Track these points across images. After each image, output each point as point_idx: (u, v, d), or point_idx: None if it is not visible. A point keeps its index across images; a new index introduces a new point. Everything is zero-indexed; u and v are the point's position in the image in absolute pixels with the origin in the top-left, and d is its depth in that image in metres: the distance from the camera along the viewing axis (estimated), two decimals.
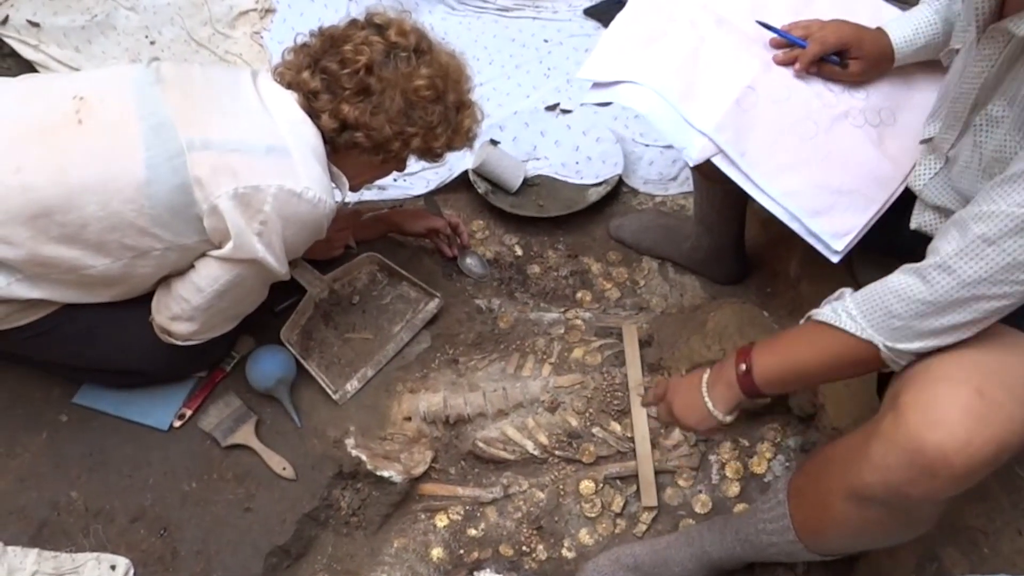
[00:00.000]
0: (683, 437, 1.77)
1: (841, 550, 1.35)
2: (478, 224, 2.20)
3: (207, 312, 1.57)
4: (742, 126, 1.42)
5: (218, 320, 1.62)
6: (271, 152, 1.43)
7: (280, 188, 1.41)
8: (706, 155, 1.42)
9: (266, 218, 1.42)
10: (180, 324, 1.58)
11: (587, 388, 1.82)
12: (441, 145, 1.58)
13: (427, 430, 1.80)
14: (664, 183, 2.29)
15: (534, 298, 2.04)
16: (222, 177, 1.40)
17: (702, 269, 2.06)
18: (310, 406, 1.80)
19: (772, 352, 1.29)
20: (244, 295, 1.59)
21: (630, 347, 1.88)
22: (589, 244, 2.16)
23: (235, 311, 1.64)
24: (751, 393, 1.32)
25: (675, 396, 1.41)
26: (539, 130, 2.38)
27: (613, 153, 2.29)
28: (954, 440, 1.05)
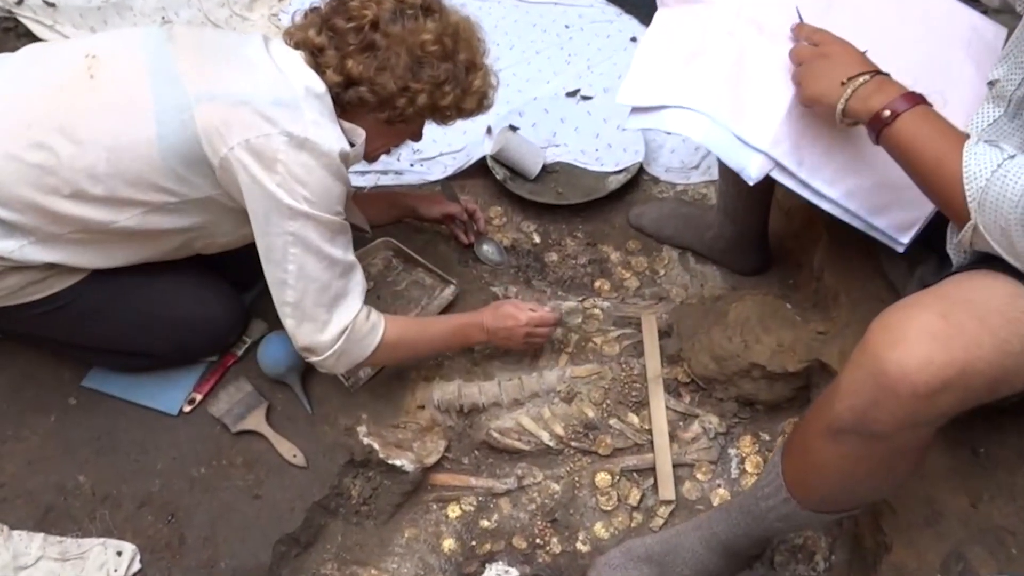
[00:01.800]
0: (701, 430, 1.76)
1: (831, 501, 1.34)
2: (495, 211, 2.20)
3: (311, 300, 1.51)
4: (797, 136, 1.40)
5: (329, 303, 1.54)
6: (279, 104, 1.43)
7: (290, 135, 1.42)
8: (765, 171, 1.41)
9: (284, 168, 1.42)
10: (302, 332, 1.54)
11: (604, 379, 1.82)
12: (450, 105, 1.55)
13: (440, 419, 1.79)
14: (686, 171, 2.27)
15: (551, 286, 2.03)
16: (232, 129, 1.41)
17: (724, 259, 2.04)
18: (322, 393, 1.79)
19: (919, 126, 1.23)
20: (327, 262, 1.51)
21: (649, 337, 1.87)
22: (608, 232, 2.15)
23: (340, 287, 1.54)
24: (874, 131, 1.27)
25: (827, 56, 1.33)
26: (559, 116, 2.37)
27: (634, 140, 2.28)
28: (913, 358, 1.07)
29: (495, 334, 1.73)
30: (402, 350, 1.65)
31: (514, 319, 1.72)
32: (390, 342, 1.60)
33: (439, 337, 1.70)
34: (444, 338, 1.72)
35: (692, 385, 1.81)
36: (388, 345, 1.60)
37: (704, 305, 1.91)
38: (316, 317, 1.53)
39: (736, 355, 1.72)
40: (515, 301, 1.79)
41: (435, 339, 1.70)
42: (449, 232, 2.08)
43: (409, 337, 1.64)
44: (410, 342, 1.65)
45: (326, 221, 1.50)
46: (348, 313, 1.55)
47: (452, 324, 1.72)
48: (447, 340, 1.73)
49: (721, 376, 1.75)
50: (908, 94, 1.26)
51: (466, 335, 1.74)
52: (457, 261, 2.04)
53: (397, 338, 1.61)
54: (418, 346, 1.69)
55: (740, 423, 1.78)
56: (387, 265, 1.98)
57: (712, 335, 1.77)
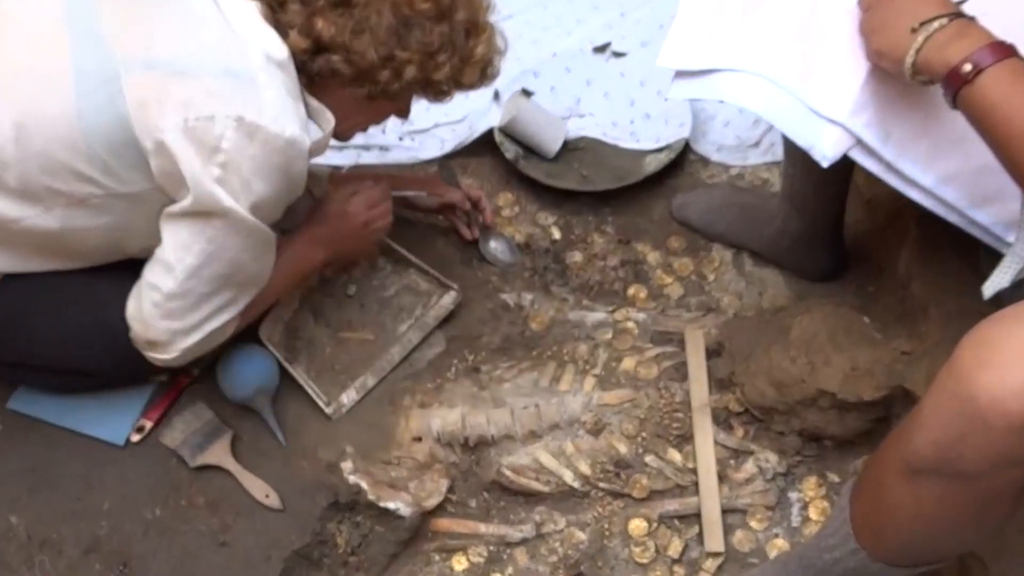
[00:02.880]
0: (757, 469, 1.83)
1: (908, 553, 1.39)
2: (506, 198, 2.26)
3: (189, 302, 1.58)
4: (882, 104, 1.42)
5: (208, 313, 1.62)
6: (230, 75, 1.45)
7: (240, 119, 1.44)
8: (842, 150, 1.44)
9: (226, 158, 1.45)
10: (159, 325, 1.57)
11: (640, 407, 1.88)
12: (445, 77, 1.58)
13: (441, 454, 1.87)
14: (743, 150, 2.32)
15: (575, 293, 2.11)
16: (168, 105, 1.42)
17: (788, 261, 2.10)
18: (297, 421, 1.88)
19: (1009, 84, 1.24)
20: (233, 271, 1.58)
21: (694, 357, 1.92)
22: (645, 227, 2.22)
23: (229, 297, 1.63)
24: (950, 91, 1.28)
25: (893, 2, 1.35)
26: (584, 78, 2.40)
27: (678, 110, 2.30)
28: (1009, 382, 1.09)
29: (339, 243, 1.83)
30: (247, 319, 1.75)
31: (345, 215, 1.80)
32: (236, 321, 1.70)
33: (278, 281, 1.76)
34: (285, 277, 1.79)
35: (746, 416, 1.88)
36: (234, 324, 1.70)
37: (762, 318, 1.97)
38: (184, 319, 1.58)
39: (800, 380, 1.77)
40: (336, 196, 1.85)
41: (277, 286, 1.77)
42: (448, 225, 2.14)
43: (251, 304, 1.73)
44: (253, 306, 1.74)
45: (260, 234, 1.56)
46: (220, 323, 1.65)
47: (286, 259, 1.76)
48: (289, 277, 1.80)
49: (781, 405, 1.81)
50: (995, 44, 1.25)
51: (307, 260, 1.81)
52: (459, 261, 2.10)
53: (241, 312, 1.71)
54: (262, 303, 1.78)
55: (804, 462, 1.85)
56: (372, 266, 2.05)
57: (771, 355, 1.82)
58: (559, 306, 2.09)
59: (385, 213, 1.88)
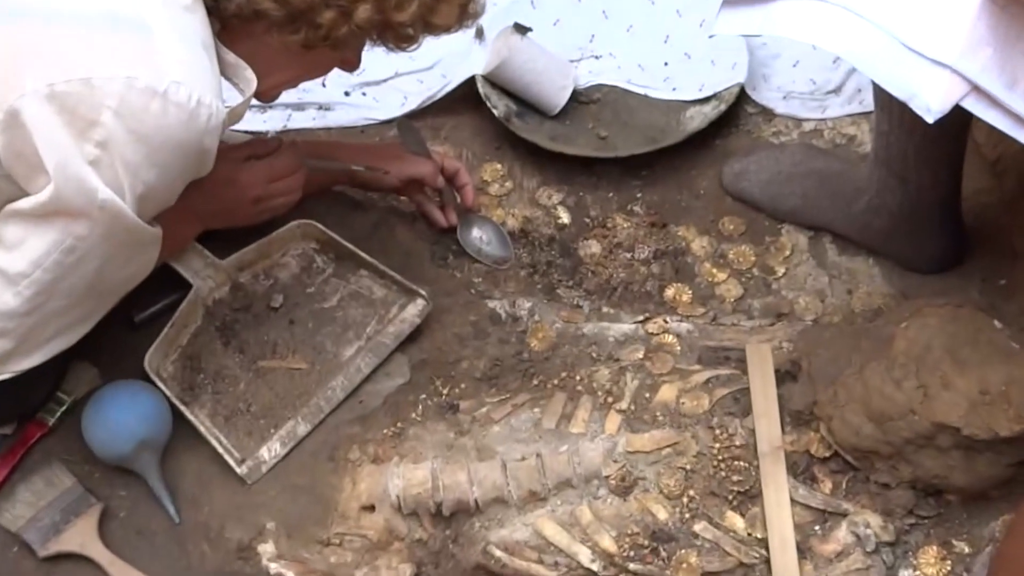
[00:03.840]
0: (853, 538, 1.78)
1: None
2: (494, 170, 2.23)
3: (34, 321, 1.55)
4: (1005, 38, 1.43)
5: (58, 329, 1.60)
6: (117, 24, 1.44)
7: (129, 84, 1.42)
8: (954, 99, 1.44)
9: (107, 135, 1.43)
10: None
11: (685, 454, 1.83)
12: (411, 18, 1.60)
13: (403, 528, 1.81)
14: (818, 98, 2.31)
15: (591, 298, 2.07)
16: (28, 64, 1.42)
17: (886, 246, 2.09)
18: (197, 487, 1.84)
19: None
20: (98, 280, 1.56)
21: (760, 383, 1.89)
22: (688, 204, 2.19)
23: (87, 310, 1.61)
24: None
25: None
26: (599, 7, 2.41)
27: (730, 48, 2.30)
28: None
29: (215, 217, 1.86)
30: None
31: (232, 184, 1.83)
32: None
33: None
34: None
35: (835, 462, 1.82)
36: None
37: (853, 326, 1.92)
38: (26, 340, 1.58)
39: (909, 411, 1.72)
40: (229, 156, 1.84)
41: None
42: (414, 208, 2.12)
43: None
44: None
45: (143, 235, 1.53)
46: (71, 340, 1.66)
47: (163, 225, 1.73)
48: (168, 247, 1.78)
49: (885, 447, 1.76)
50: None
51: (172, 237, 1.72)
52: (429, 257, 2.08)
53: None
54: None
55: (919, 525, 1.79)
56: (307, 266, 2.01)
57: (867, 377, 1.77)
58: (569, 316, 2.04)
59: (290, 190, 1.89)
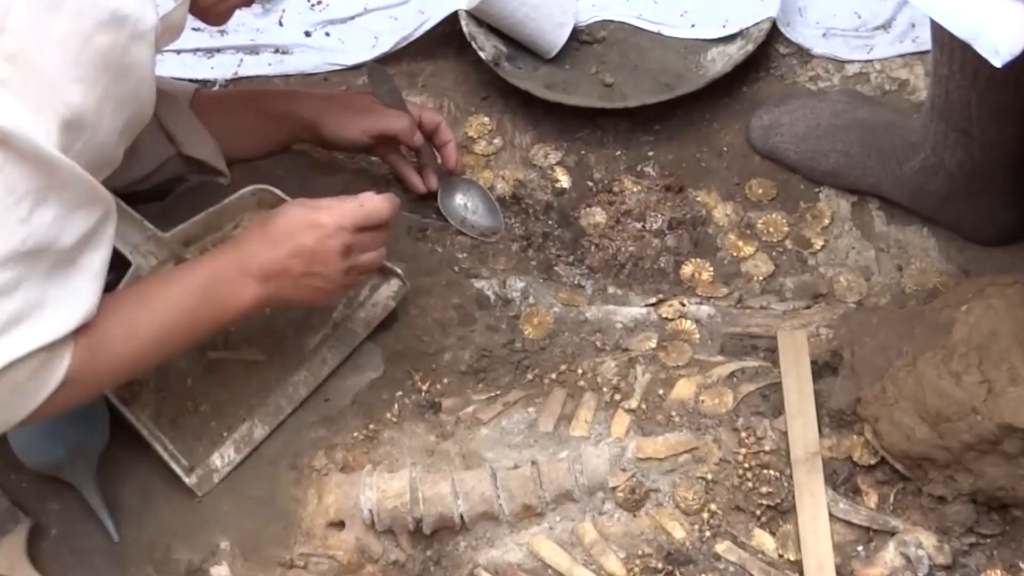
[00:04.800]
0: (903, 560, 1.78)
1: None
2: (481, 124, 2.25)
3: None
4: None
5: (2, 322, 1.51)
6: None
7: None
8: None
9: (16, 45, 1.42)
10: None
11: (705, 461, 1.84)
12: None
13: (377, 548, 1.83)
14: (864, 35, 2.31)
15: (595, 276, 2.09)
16: None
17: (944, 214, 2.09)
18: (139, 500, 1.85)
19: None
20: (36, 245, 1.49)
21: (794, 377, 1.90)
22: (709, 164, 2.20)
23: (34, 296, 1.52)
24: None
25: None
26: None
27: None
28: None
29: (286, 283, 1.74)
30: (104, 372, 1.62)
31: (314, 229, 1.74)
32: (82, 367, 1.57)
33: (171, 321, 1.68)
34: (184, 318, 1.69)
35: (882, 471, 1.83)
36: (80, 377, 1.57)
37: (904, 310, 1.93)
38: None
39: (971, 410, 1.71)
40: (304, 201, 1.78)
41: (167, 328, 1.67)
42: (388, 170, 2.13)
43: (115, 341, 1.62)
44: (117, 350, 1.62)
45: (76, 181, 1.51)
46: (28, 346, 1.52)
47: (191, 285, 1.70)
48: (191, 320, 1.70)
49: (941, 453, 1.76)
50: None
51: (228, 297, 1.72)
52: (404, 230, 2.09)
53: (93, 363, 1.58)
54: (136, 350, 1.65)
55: (980, 545, 1.79)
56: None
57: (921, 370, 1.77)
58: (569, 298, 2.05)
59: (378, 244, 1.82)
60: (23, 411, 1.55)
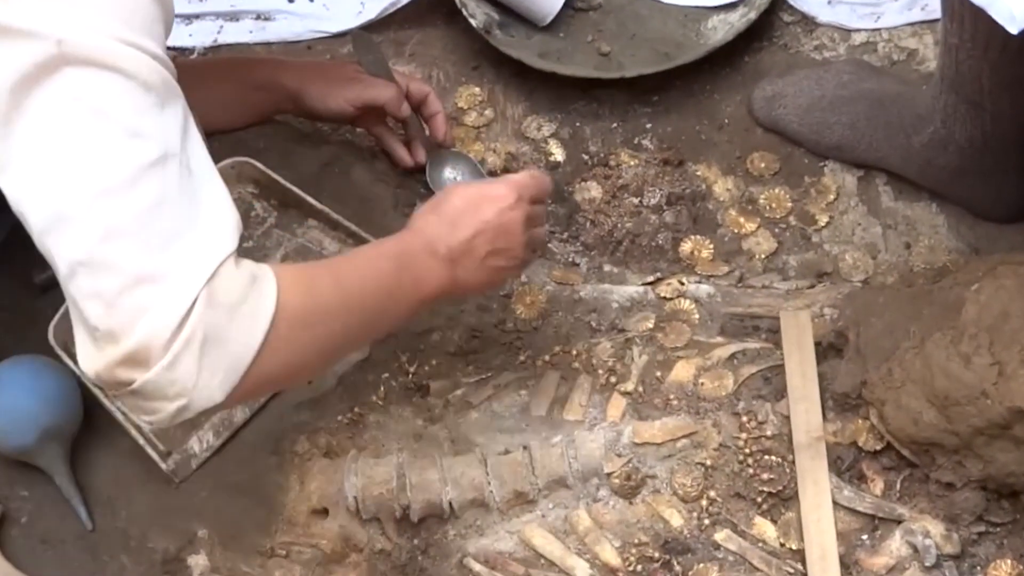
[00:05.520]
0: (909, 549, 1.79)
1: None
2: (471, 95, 2.25)
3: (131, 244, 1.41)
4: None
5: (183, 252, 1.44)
6: None
7: None
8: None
9: None
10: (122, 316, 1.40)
11: (704, 446, 1.84)
12: None
13: (362, 536, 1.83)
14: (872, 3, 2.31)
15: (590, 254, 2.09)
16: None
17: (954, 188, 2.09)
18: (113, 486, 1.86)
19: None
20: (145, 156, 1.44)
21: (798, 359, 1.90)
22: (709, 137, 2.20)
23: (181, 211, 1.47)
24: None
25: None
26: None
27: None
28: None
29: (464, 255, 1.71)
30: (319, 327, 1.54)
31: (492, 200, 1.73)
32: (295, 308, 1.49)
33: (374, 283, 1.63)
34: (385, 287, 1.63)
35: (888, 457, 1.83)
36: (293, 316, 1.49)
37: (912, 289, 1.94)
38: (137, 272, 1.43)
39: (981, 393, 1.71)
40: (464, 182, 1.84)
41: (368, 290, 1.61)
42: (374, 143, 2.13)
43: (324, 294, 1.55)
44: (329, 304, 1.55)
45: (132, 65, 1.43)
46: (201, 254, 1.46)
47: (386, 253, 1.68)
48: (393, 292, 1.64)
49: (949, 438, 1.76)
50: None
51: (414, 274, 1.68)
52: (391, 204, 2.10)
53: (305, 298, 1.51)
54: (344, 314, 1.58)
55: (990, 534, 1.79)
56: (243, 215, 1.94)
57: (929, 352, 1.77)
58: (563, 276, 2.05)
59: (544, 217, 1.82)
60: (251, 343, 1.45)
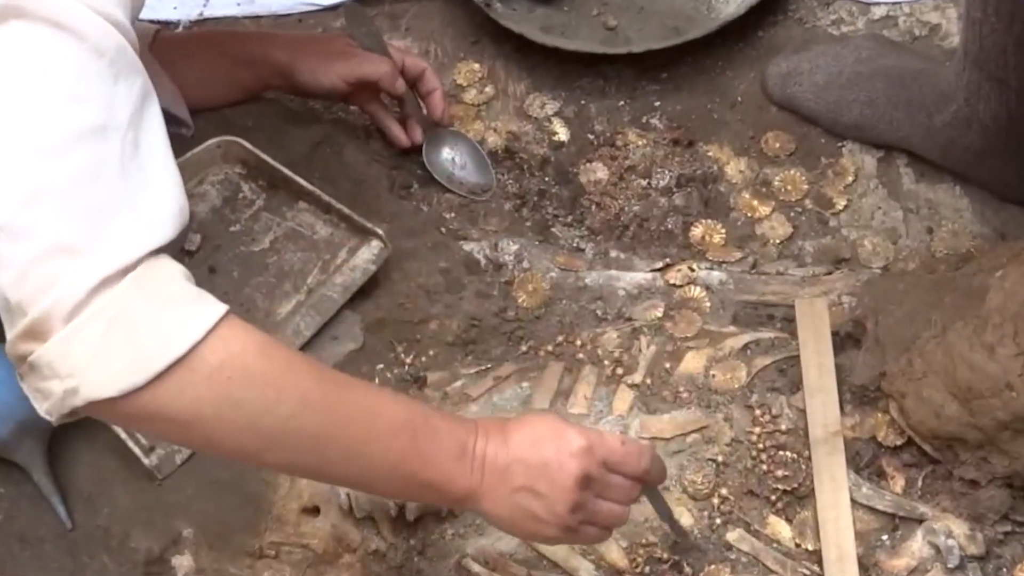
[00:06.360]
0: (931, 549, 1.78)
1: None
2: (471, 71, 2.25)
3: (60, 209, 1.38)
4: None
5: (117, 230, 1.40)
6: None
7: None
8: None
9: None
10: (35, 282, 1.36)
11: (716, 441, 1.85)
12: None
13: (356, 536, 1.83)
14: None
15: (596, 239, 2.10)
16: None
17: (979, 170, 2.09)
18: (94, 483, 1.86)
19: None
20: (98, 118, 1.42)
21: (814, 349, 1.90)
22: (721, 116, 2.21)
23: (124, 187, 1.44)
24: None
25: None
26: None
27: None
28: None
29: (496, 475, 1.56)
30: (255, 393, 1.44)
31: (558, 438, 1.58)
32: (236, 354, 1.41)
33: (361, 416, 1.49)
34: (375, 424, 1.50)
35: (909, 452, 1.83)
36: (230, 359, 1.41)
37: (934, 275, 1.93)
38: (56, 242, 1.41)
39: (1005, 385, 1.71)
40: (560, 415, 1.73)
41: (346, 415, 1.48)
42: (369, 121, 2.13)
43: (282, 368, 1.46)
44: (284, 383, 1.45)
45: (86, 27, 1.43)
46: (131, 236, 1.43)
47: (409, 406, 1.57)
48: (383, 436, 1.51)
49: (973, 432, 1.75)
50: None
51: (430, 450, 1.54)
52: (386, 187, 2.10)
53: (256, 353, 1.43)
54: (297, 407, 1.45)
55: (1017, 533, 1.79)
56: (230, 197, 2.02)
57: (951, 342, 1.77)
58: (567, 262, 2.05)
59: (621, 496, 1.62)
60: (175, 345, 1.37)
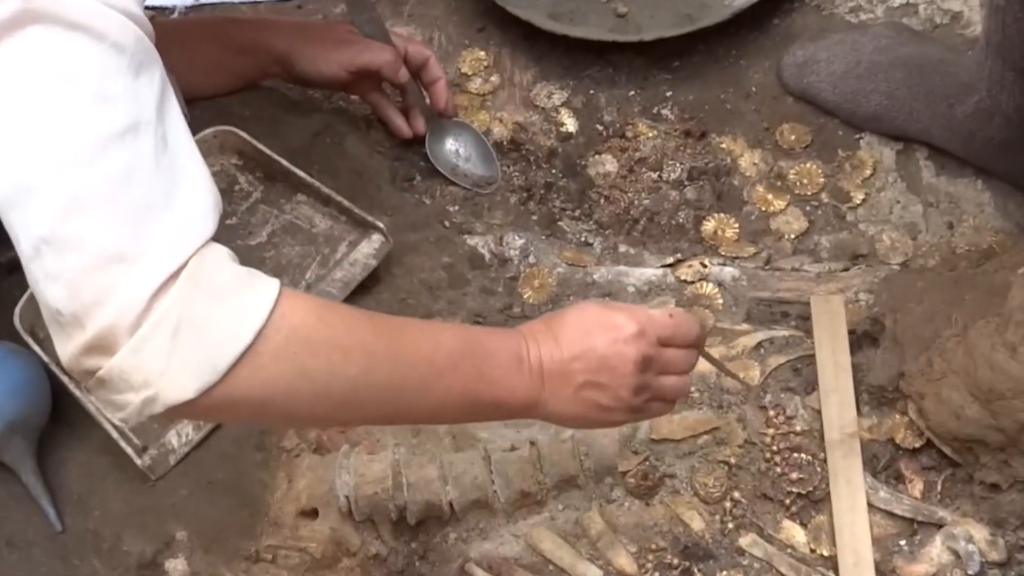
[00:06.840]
0: (950, 555, 1.77)
1: None
2: (476, 60, 2.25)
3: (102, 216, 1.38)
4: None
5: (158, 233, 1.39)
6: None
7: None
8: None
9: None
10: (87, 293, 1.36)
11: (728, 443, 1.85)
12: None
13: (355, 540, 1.83)
14: None
15: (604, 233, 2.10)
16: None
17: (1001, 162, 2.08)
18: (85, 484, 1.86)
19: None
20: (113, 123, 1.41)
21: (830, 347, 1.89)
22: (734, 106, 2.21)
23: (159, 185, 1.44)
24: None
25: None
26: None
27: None
28: None
29: (557, 377, 1.58)
30: (322, 359, 1.43)
31: (608, 327, 1.60)
32: (297, 326, 1.41)
33: (421, 351, 1.49)
34: (435, 358, 1.50)
35: (928, 455, 1.83)
36: (293, 333, 1.41)
37: (954, 272, 1.93)
38: (104, 250, 1.40)
39: None
40: (601, 300, 1.78)
41: (408, 354, 1.49)
42: (370, 111, 2.13)
43: (343, 327, 1.46)
44: (345, 342, 1.44)
45: (104, 24, 1.41)
46: (178, 233, 1.42)
47: (461, 332, 1.63)
48: (443, 368, 1.51)
49: (995, 434, 1.75)
50: None
51: (491, 369, 1.57)
52: (387, 179, 2.11)
53: (314, 321, 1.42)
54: (364, 361, 1.46)
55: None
56: (226, 189, 2.02)
57: (973, 341, 1.76)
58: (575, 257, 2.06)
59: (681, 366, 1.65)
60: (242, 335, 1.38)
